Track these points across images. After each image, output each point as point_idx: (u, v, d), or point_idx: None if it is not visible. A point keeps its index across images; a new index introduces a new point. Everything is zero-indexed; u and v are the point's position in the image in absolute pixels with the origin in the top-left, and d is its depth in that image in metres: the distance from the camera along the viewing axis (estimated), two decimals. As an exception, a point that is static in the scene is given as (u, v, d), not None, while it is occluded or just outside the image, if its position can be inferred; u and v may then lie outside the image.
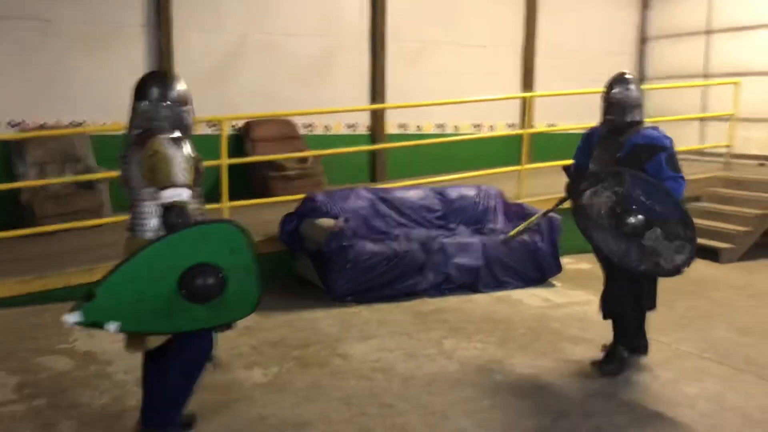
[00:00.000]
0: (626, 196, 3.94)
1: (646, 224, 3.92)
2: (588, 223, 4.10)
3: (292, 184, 7.78)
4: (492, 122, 9.92)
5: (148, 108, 3.26)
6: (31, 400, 3.88)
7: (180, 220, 3.06)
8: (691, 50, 10.25)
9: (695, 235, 3.92)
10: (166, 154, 3.10)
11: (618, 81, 4.31)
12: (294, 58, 8.58)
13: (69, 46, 7.39)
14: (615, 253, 4.04)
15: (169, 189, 3.08)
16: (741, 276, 6.85)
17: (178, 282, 2.98)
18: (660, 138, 4.17)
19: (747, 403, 3.97)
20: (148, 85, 3.32)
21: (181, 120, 3.31)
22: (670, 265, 3.94)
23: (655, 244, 3.92)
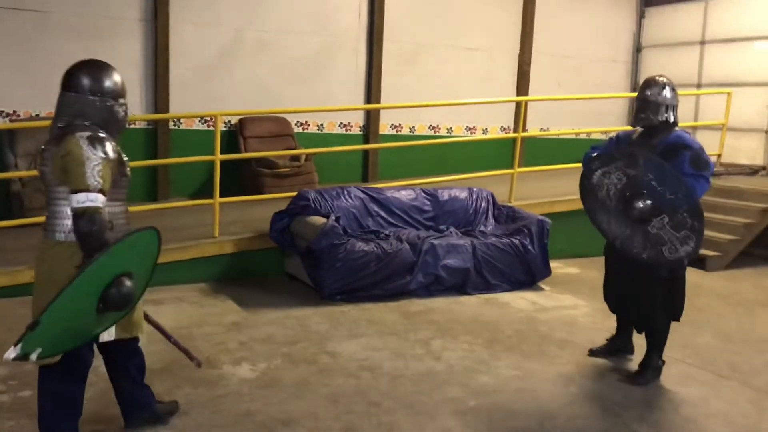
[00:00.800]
0: (638, 180, 3.91)
1: (654, 210, 3.89)
2: (595, 204, 4.03)
3: (284, 182, 7.79)
4: (485, 125, 9.96)
5: (76, 100, 3.05)
6: (17, 391, 3.87)
7: (93, 227, 2.85)
8: (686, 60, 10.33)
9: (703, 227, 3.86)
10: (80, 155, 2.90)
11: (653, 81, 4.31)
12: (289, 56, 8.59)
13: (65, 38, 7.37)
14: (618, 237, 4.00)
15: (81, 193, 2.88)
16: (727, 284, 6.91)
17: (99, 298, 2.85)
18: (689, 139, 4.21)
19: (731, 409, 4.02)
20: (78, 75, 3.07)
21: (112, 115, 3.11)
22: (673, 256, 3.92)
23: (661, 232, 3.89)
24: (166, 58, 7.83)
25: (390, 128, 9.29)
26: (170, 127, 7.95)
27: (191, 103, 7.90)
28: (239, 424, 3.60)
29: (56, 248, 3.02)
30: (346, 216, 6.36)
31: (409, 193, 6.89)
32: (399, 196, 6.79)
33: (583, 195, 4.11)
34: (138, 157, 7.54)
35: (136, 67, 7.78)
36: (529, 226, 6.43)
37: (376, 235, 6.33)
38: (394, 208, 6.68)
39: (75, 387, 3.19)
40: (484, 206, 6.98)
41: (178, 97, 7.93)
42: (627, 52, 10.97)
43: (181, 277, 6.04)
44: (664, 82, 4.30)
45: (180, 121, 8.01)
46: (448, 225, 6.74)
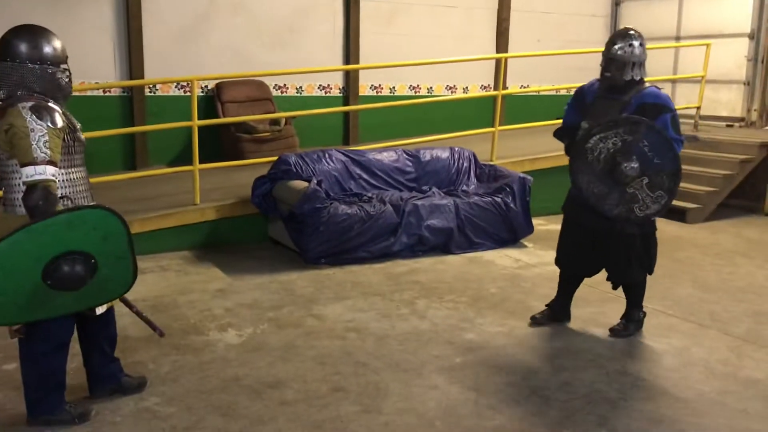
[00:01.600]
0: (632, 146, 3.94)
1: (639, 174, 3.96)
2: (582, 165, 4.03)
3: (264, 146, 7.72)
4: (466, 84, 9.88)
5: (13, 69, 2.94)
6: (3, 364, 3.86)
7: (41, 201, 2.80)
8: (664, 12, 10.27)
9: (677, 189, 4.03)
10: (24, 127, 2.83)
11: (620, 37, 4.17)
12: (266, 19, 8.43)
13: (32, 6, 7.18)
14: (595, 195, 4.02)
15: (29, 167, 2.81)
16: (707, 236, 6.99)
17: (43, 272, 2.80)
18: (667, 99, 4.18)
19: (710, 357, 4.10)
20: (14, 42, 2.94)
21: (54, 82, 3.01)
22: (642, 213, 4.03)
23: (638, 192, 3.99)
24: (139, 24, 7.66)
25: (370, 89, 9.20)
26: (146, 94, 7.82)
27: (167, 69, 7.75)
28: (227, 389, 3.62)
29: (15, 221, 2.96)
30: (328, 179, 6.34)
31: (390, 154, 6.86)
32: (381, 158, 6.76)
33: (574, 157, 4.08)
34: (114, 125, 7.43)
35: (108, 33, 7.61)
36: (511, 183, 6.44)
37: (358, 197, 6.32)
38: (376, 170, 6.66)
39: (55, 359, 3.18)
40: (466, 166, 6.97)
41: (154, 64, 7.78)
42: (606, 6, 10.87)
43: (164, 246, 6.02)
44: (634, 35, 4.16)
45: (156, 87, 7.88)
46: (431, 185, 6.74)
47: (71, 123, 3.09)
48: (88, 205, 3.03)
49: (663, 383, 3.76)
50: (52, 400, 3.22)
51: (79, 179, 3.14)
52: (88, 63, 7.48)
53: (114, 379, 3.51)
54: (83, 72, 7.41)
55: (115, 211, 2.93)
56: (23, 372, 3.18)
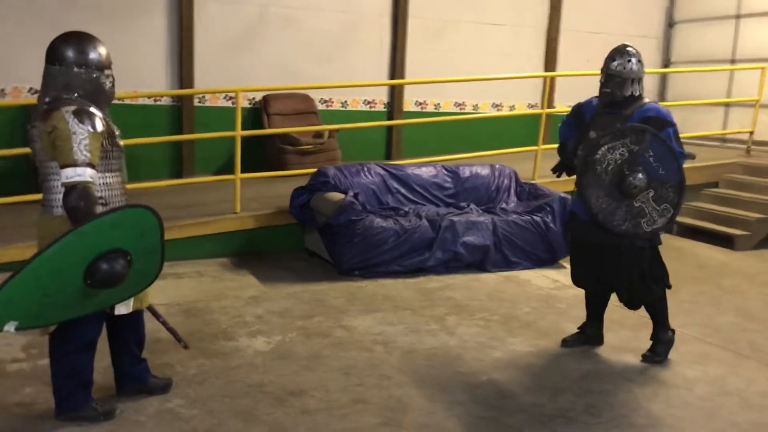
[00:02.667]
0: (638, 156, 3.92)
1: (646, 186, 3.94)
2: (591, 179, 3.98)
3: (307, 159, 7.80)
4: (512, 102, 9.84)
5: (61, 72, 3.04)
6: (37, 359, 3.97)
7: (81, 202, 2.87)
8: (719, 35, 10.05)
9: (682, 202, 4.03)
10: (66, 129, 2.91)
11: (619, 53, 4.16)
12: (314, 33, 8.56)
13: (90, 18, 7.43)
14: (603, 211, 3.98)
15: (69, 168, 2.89)
16: (754, 263, 6.76)
17: (85, 272, 2.86)
18: (668, 113, 4.13)
19: (747, 388, 3.95)
20: (62, 48, 3.06)
21: (99, 87, 3.11)
22: (650, 228, 4.01)
23: (644, 206, 3.98)
24: (190, 35, 7.86)
25: (415, 105, 9.24)
26: (195, 104, 8.01)
27: (216, 80, 7.92)
28: (250, 395, 3.65)
29: (54, 222, 3.06)
30: (365, 192, 6.36)
31: (429, 169, 6.86)
32: (419, 173, 6.77)
33: (583, 170, 4.03)
34: (164, 133, 7.64)
35: (160, 44, 7.83)
36: (551, 203, 6.36)
37: (395, 211, 6.33)
38: (414, 184, 6.66)
39: (84, 357, 3.26)
40: (506, 183, 6.92)
41: (203, 74, 7.97)
42: (658, 28, 10.69)
43: (202, 252, 6.12)
44: (631, 53, 4.14)
45: (205, 97, 8.06)
46: (469, 202, 6.70)
47: (110, 128, 3.18)
48: (128, 205, 3.12)
49: (694, 413, 3.64)
50: (79, 397, 3.30)
51: (115, 183, 3.22)
52: (141, 72, 7.72)
53: (141, 379, 3.58)
54: (136, 81, 7.65)
55: (152, 209, 3.02)
56: (52, 369, 3.27)
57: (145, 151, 7.50)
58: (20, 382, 3.71)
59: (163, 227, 3.08)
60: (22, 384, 3.68)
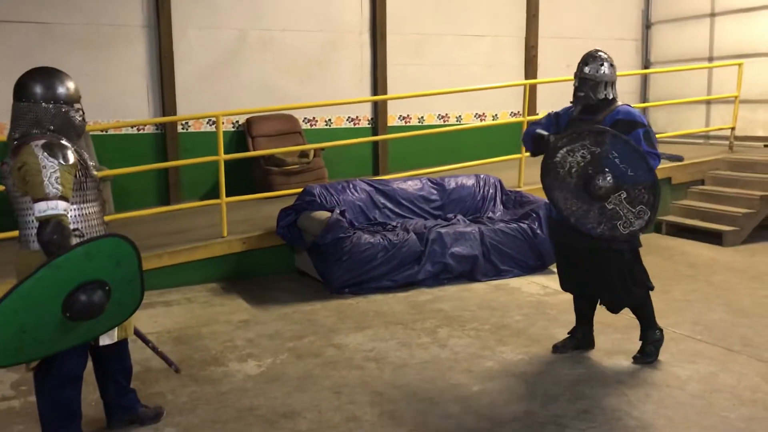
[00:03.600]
0: (601, 158, 3.90)
1: (615, 187, 3.91)
2: (554, 181, 3.98)
3: (294, 179, 7.82)
4: (495, 112, 9.89)
5: (29, 109, 3.04)
6: (27, 396, 3.94)
7: (54, 235, 2.85)
8: (696, 33, 10.14)
9: (658, 203, 3.95)
10: (36, 164, 2.90)
11: (591, 57, 4.20)
12: (294, 54, 8.61)
13: (69, 48, 7.48)
14: (573, 214, 3.96)
15: (41, 202, 2.88)
16: (743, 259, 6.79)
17: (63, 305, 2.82)
18: (638, 115, 4.16)
19: (739, 384, 3.95)
20: (30, 83, 3.06)
21: (68, 121, 3.11)
22: (627, 230, 3.96)
23: (618, 208, 3.93)
24: (170, 63, 7.90)
25: (398, 120, 9.28)
26: (179, 131, 8.03)
27: (198, 106, 7.96)
28: (242, 419, 3.63)
29: (31, 257, 3.05)
30: (352, 209, 6.38)
31: (415, 183, 6.88)
32: (405, 187, 6.79)
33: (544, 172, 4.03)
34: (149, 161, 7.63)
35: (141, 73, 7.86)
36: (537, 209, 6.39)
37: (383, 226, 6.34)
38: (400, 198, 6.68)
39: (69, 391, 3.22)
40: (492, 192, 6.95)
41: (185, 101, 8.00)
42: (636, 30, 10.79)
43: (191, 278, 6.11)
44: (603, 57, 4.19)
45: (188, 123, 8.08)
46: (456, 213, 6.72)
47: (83, 159, 3.17)
48: (101, 235, 3.09)
49: (686, 411, 3.64)
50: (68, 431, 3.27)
51: (92, 214, 3.21)
52: (124, 102, 7.75)
53: (131, 410, 3.56)
54: (119, 110, 7.69)
55: (126, 237, 2.99)
56: (38, 405, 3.24)
57: (131, 180, 7.51)
58: (11, 419, 3.69)
59: (139, 255, 3.04)
60: (13, 422, 3.66)
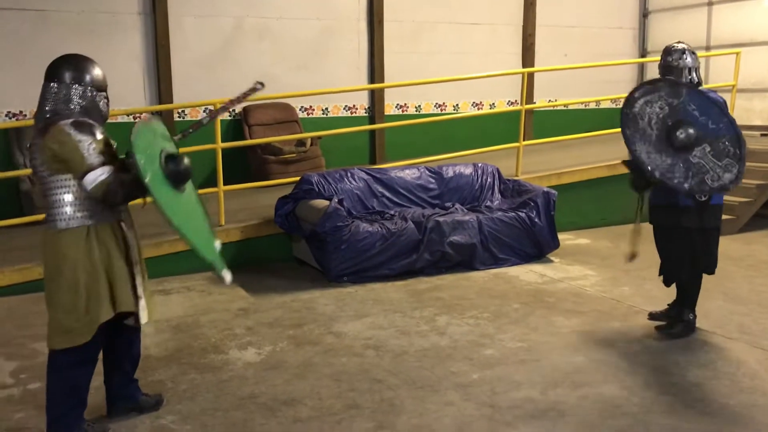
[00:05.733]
0: (680, 109, 3.88)
1: (696, 140, 3.84)
2: (635, 132, 3.93)
3: (291, 168, 7.81)
4: (492, 100, 9.87)
5: (59, 89, 3.15)
6: (27, 384, 3.95)
7: (118, 193, 3.03)
8: (693, 22, 10.12)
9: (745, 155, 3.84)
10: (72, 141, 3.01)
11: (673, 49, 4.41)
12: (291, 42, 8.57)
13: (65, 36, 7.43)
14: (658, 167, 3.89)
15: (89, 174, 3.01)
16: (740, 247, 6.81)
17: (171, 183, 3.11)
18: (716, 96, 4.17)
19: (737, 371, 3.97)
20: (61, 67, 3.18)
21: (95, 105, 3.21)
22: (716, 184, 3.85)
23: (703, 161, 3.83)
24: (167, 51, 7.86)
25: (396, 108, 9.26)
26: (175, 119, 7.99)
27: (195, 94, 7.91)
28: (242, 407, 3.64)
29: (59, 236, 3.11)
30: (350, 198, 6.37)
31: (413, 172, 6.87)
32: (403, 176, 6.78)
33: (624, 122, 3.98)
34: (145, 150, 7.58)
35: (137, 61, 7.82)
36: (535, 198, 6.39)
37: (381, 215, 6.33)
38: (398, 187, 6.67)
39: (82, 373, 3.25)
40: (490, 181, 6.94)
41: (182, 89, 7.96)
42: (633, 19, 10.77)
43: (189, 267, 6.09)
44: (684, 48, 4.42)
45: (185, 112, 8.05)
46: (454, 202, 6.71)
47: (108, 139, 3.25)
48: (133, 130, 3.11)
49: (686, 397, 3.66)
50: (72, 417, 3.27)
51: None
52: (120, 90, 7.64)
53: (132, 399, 3.56)
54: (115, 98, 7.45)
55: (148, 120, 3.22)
56: (48, 385, 3.25)
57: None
58: (10, 407, 3.68)
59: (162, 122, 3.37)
60: (12, 410, 3.65)
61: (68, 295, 3.11)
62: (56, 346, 3.17)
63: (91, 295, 3.13)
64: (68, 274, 3.09)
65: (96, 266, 3.14)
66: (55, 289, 3.13)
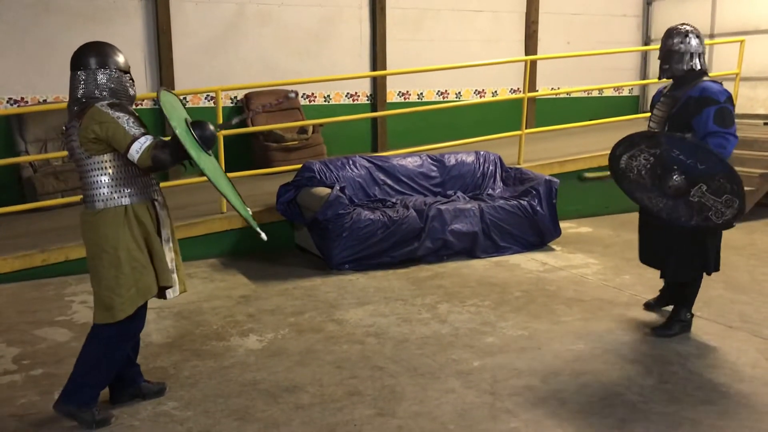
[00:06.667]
0: (665, 158, 3.85)
1: (690, 182, 3.82)
2: (630, 185, 4.01)
3: (293, 155, 7.79)
4: (495, 88, 9.84)
5: (86, 76, 3.27)
6: (29, 370, 3.96)
7: (162, 158, 3.10)
8: (697, 10, 10.06)
9: (743, 188, 3.79)
10: (112, 120, 3.13)
11: (675, 31, 4.18)
12: (293, 28, 8.54)
13: (66, 23, 7.40)
14: (663, 210, 3.96)
15: (133, 144, 3.12)
16: (742, 236, 6.80)
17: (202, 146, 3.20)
18: (715, 92, 4.01)
19: (738, 360, 3.98)
20: (85, 55, 3.30)
21: (122, 86, 3.32)
22: (720, 220, 3.86)
23: (703, 200, 3.83)
24: (168, 38, 7.83)
25: (398, 96, 9.23)
26: (177, 106, 7.97)
27: (197, 80, 7.90)
28: (244, 393, 3.65)
29: (98, 216, 3.23)
30: (352, 186, 6.36)
31: (415, 159, 6.86)
32: (405, 164, 6.76)
33: (616, 179, 4.06)
34: (146, 137, 7.58)
35: (139, 47, 7.79)
36: (537, 186, 6.38)
37: (382, 203, 6.33)
38: (400, 175, 6.66)
39: (118, 349, 3.36)
40: (492, 169, 6.93)
41: (184, 76, 7.94)
42: (637, 6, 10.71)
43: (191, 254, 6.08)
44: (687, 30, 4.15)
45: (186, 98, 8.02)
46: (456, 190, 6.71)
47: (139, 119, 3.31)
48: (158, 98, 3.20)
49: (686, 386, 3.66)
50: (87, 394, 3.34)
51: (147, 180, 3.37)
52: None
53: (133, 383, 3.58)
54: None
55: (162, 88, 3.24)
56: (82, 355, 3.34)
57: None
58: (13, 393, 3.70)
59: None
60: (15, 395, 3.67)
61: (110, 273, 3.22)
62: (99, 321, 3.29)
63: (135, 271, 3.25)
64: (110, 252, 3.20)
65: (138, 242, 3.26)
66: (98, 268, 3.24)
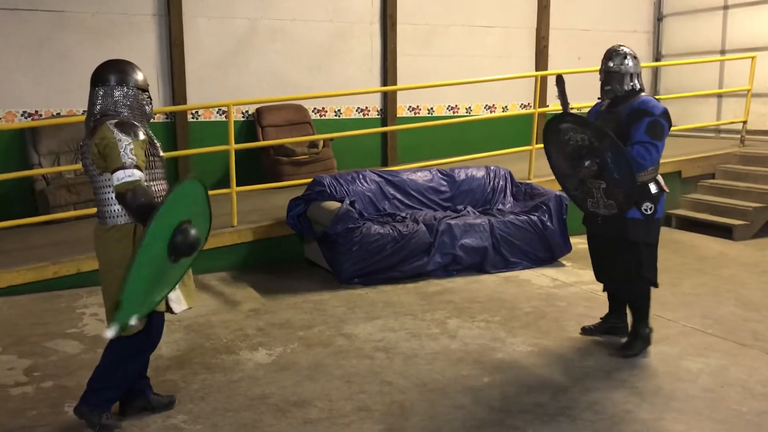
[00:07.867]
0: (597, 150, 4.01)
1: (597, 176, 4.07)
2: (555, 142, 4.24)
3: (303, 169, 7.82)
4: (505, 103, 9.86)
5: (105, 93, 3.31)
6: (40, 382, 3.98)
7: (141, 198, 3.05)
8: (708, 26, 10.08)
9: (627, 209, 4.10)
10: (112, 138, 3.14)
11: (614, 53, 4.31)
12: (304, 44, 8.60)
13: (80, 37, 7.49)
14: (560, 171, 4.34)
15: (119, 171, 3.11)
16: (753, 253, 6.76)
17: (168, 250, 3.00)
18: (655, 105, 4.15)
19: (750, 378, 3.95)
20: (105, 72, 3.35)
21: (139, 104, 3.36)
22: (592, 209, 4.25)
23: (593, 190, 4.16)
24: (181, 52, 7.90)
25: (408, 111, 9.26)
26: (189, 120, 8.04)
27: (208, 95, 7.97)
28: (253, 407, 3.65)
29: (108, 233, 3.28)
30: (362, 200, 6.38)
31: (425, 174, 6.87)
32: (415, 178, 6.78)
33: (548, 131, 4.25)
34: (158, 151, 7.64)
35: (152, 62, 7.86)
36: (547, 202, 6.37)
37: (392, 217, 6.34)
38: (410, 190, 6.68)
39: (141, 359, 3.44)
40: (502, 184, 6.93)
41: (196, 90, 8.00)
42: (648, 22, 10.72)
43: (201, 267, 6.10)
44: (626, 52, 4.31)
45: (198, 113, 8.09)
46: (466, 205, 6.71)
47: (151, 139, 3.35)
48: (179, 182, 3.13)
49: (697, 404, 3.64)
50: (103, 398, 3.38)
51: (160, 191, 3.38)
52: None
53: (143, 395, 3.59)
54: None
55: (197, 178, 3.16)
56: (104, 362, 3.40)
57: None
58: (24, 405, 3.71)
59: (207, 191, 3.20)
60: (26, 408, 3.68)
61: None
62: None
63: None
64: (118, 270, 3.19)
65: None
66: (109, 282, 3.28)
